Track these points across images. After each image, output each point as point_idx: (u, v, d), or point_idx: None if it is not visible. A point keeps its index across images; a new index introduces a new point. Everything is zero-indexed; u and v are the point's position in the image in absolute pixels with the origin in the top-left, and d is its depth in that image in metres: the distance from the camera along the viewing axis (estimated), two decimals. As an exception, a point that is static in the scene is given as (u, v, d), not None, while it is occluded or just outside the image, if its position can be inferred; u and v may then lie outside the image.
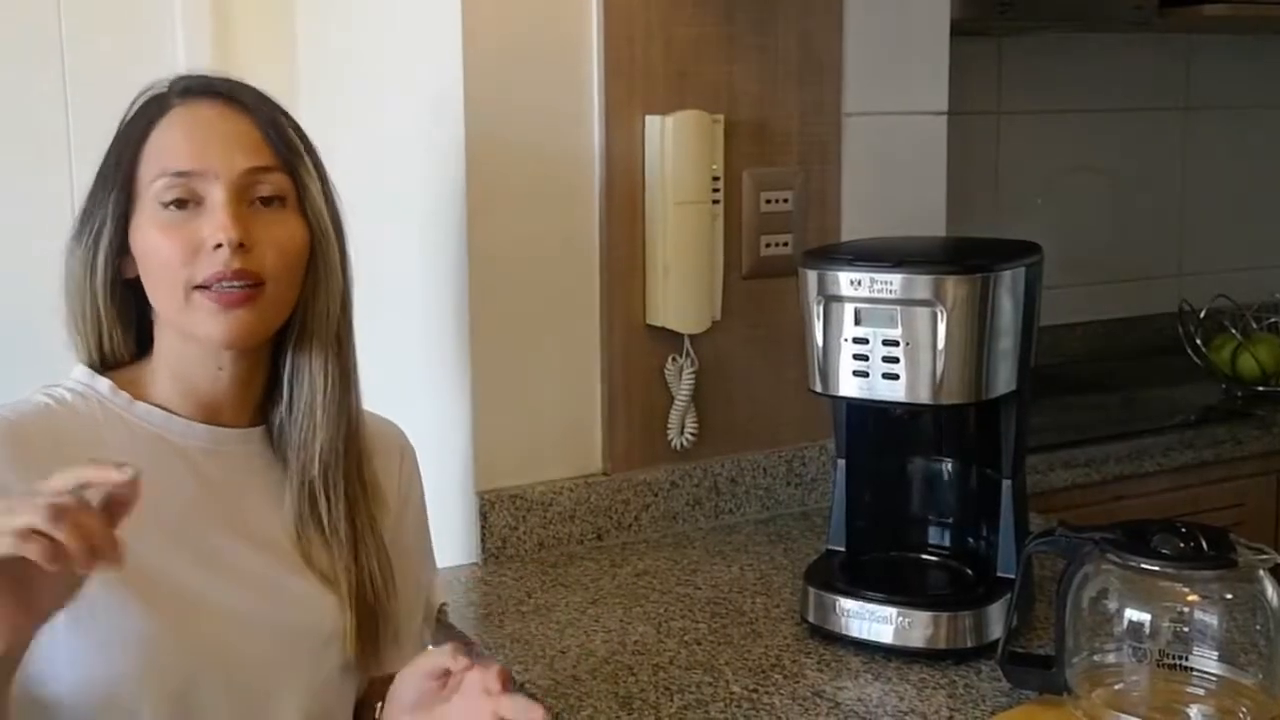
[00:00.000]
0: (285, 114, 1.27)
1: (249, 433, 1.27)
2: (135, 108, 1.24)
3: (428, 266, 1.78)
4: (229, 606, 1.19)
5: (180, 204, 1.18)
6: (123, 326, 1.26)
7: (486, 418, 1.71)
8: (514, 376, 1.73)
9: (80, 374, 1.25)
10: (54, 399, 1.22)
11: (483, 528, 1.70)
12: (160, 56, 1.99)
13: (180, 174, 1.18)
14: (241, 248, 1.17)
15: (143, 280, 1.22)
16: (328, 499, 1.25)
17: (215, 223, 1.17)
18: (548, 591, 1.61)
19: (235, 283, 1.18)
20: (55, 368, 1.26)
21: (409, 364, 1.84)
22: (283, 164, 1.23)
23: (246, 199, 1.20)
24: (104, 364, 1.26)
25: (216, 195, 1.18)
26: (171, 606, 1.16)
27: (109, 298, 1.24)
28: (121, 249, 1.22)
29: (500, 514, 1.71)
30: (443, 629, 1.45)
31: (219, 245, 1.17)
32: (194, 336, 1.21)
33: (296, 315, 1.25)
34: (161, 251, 1.19)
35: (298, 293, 1.24)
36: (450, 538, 1.77)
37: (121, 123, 1.25)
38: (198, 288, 1.18)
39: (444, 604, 1.46)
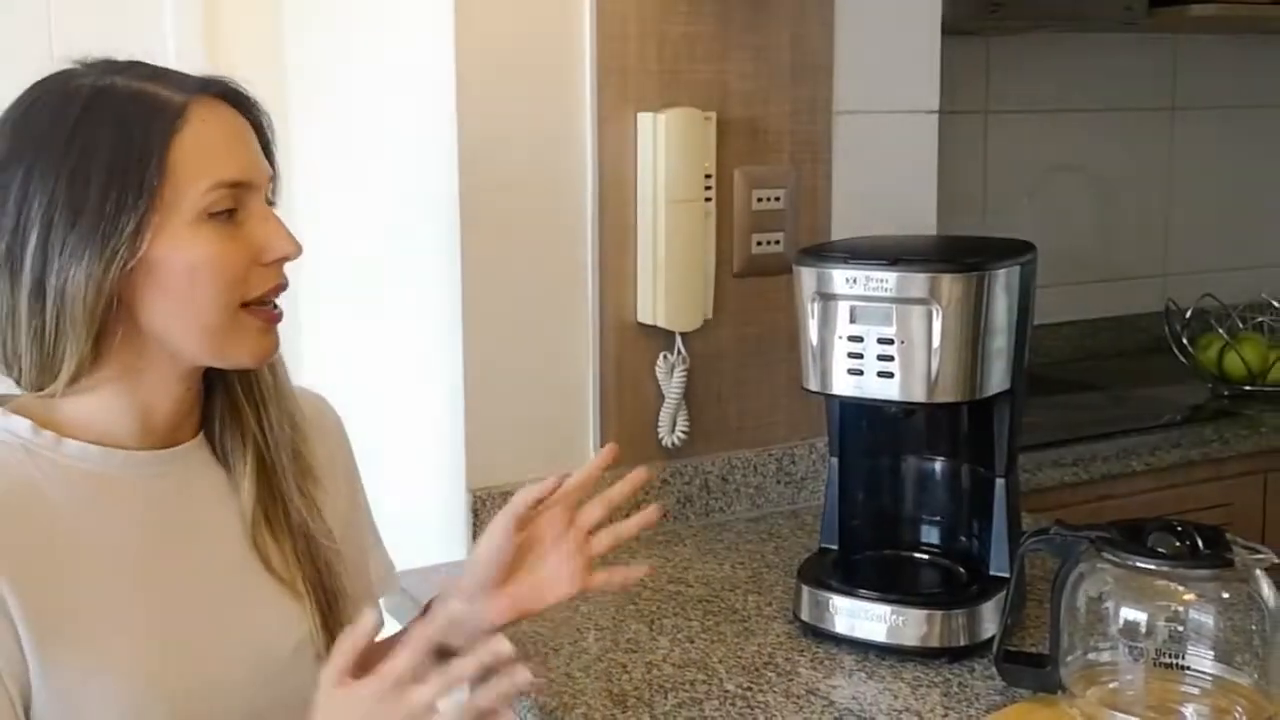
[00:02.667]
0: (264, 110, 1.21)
1: (188, 447, 1.20)
2: (129, 108, 1.11)
3: (420, 263, 1.78)
4: (202, 643, 1.14)
5: (230, 214, 1.11)
6: (98, 348, 1.11)
7: (478, 415, 1.71)
8: (506, 374, 1.72)
9: None
10: None
11: (474, 525, 1.69)
12: (145, 42, 1.98)
13: (234, 184, 1.11)
14: None
15: (157, 297, 1.11)
16: (285, 485, 1.22)
17: (279, 235, 1.13)
18: (539, 589, 1.61)
19: (278, 298, 1.15)
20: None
21: (402, 361, 1.83)
22: (274, 169, 1.19)
23: None
24: (61, 391, 1.12)
25: (257, 206, 1.13)
26: (141, 662, 1.10)
27: (108, 315, 1.10)
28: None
29: (492, 511, 1.68)
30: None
31: (281, 259, 1.13)
32: (227, 357, 1.14)
33: None
34: (215, 265, 1.10)
35: None
36: (441, 535, 1.77)
37: (112, 124, 1.10)
38: (246, 305, 1.12)
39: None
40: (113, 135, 1.09)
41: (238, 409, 1.22)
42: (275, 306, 1.16)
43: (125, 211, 1.07)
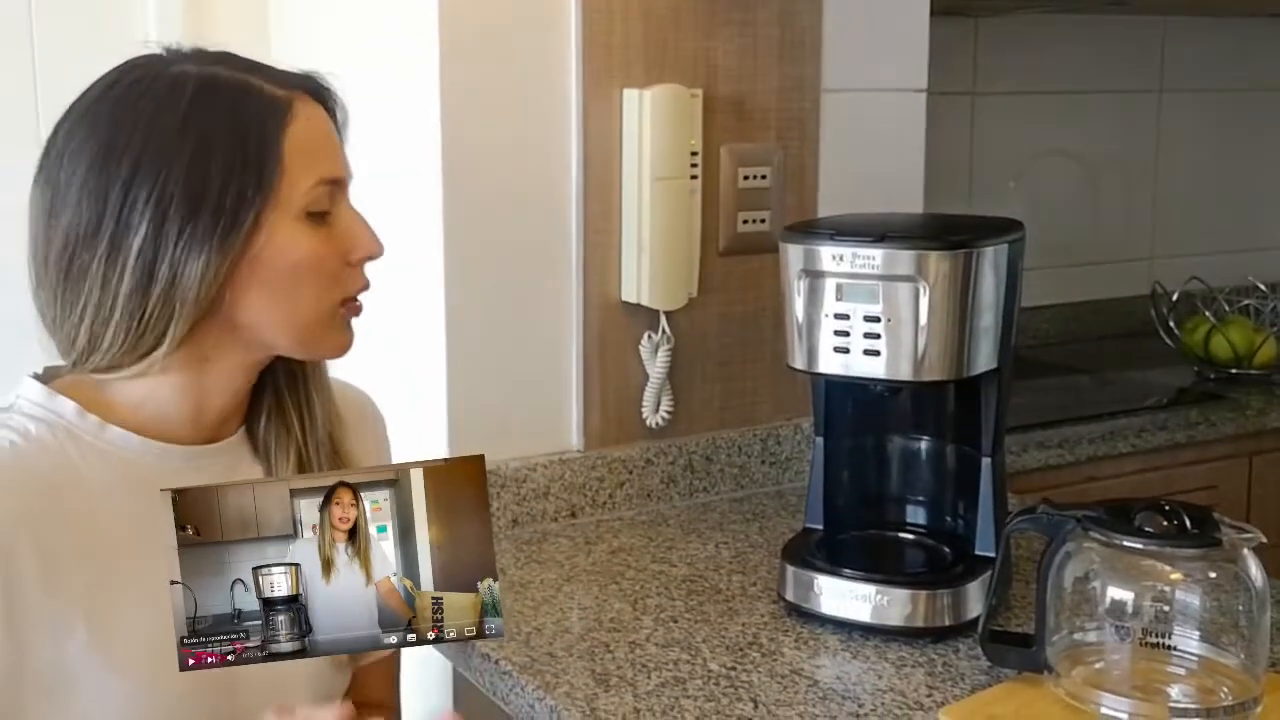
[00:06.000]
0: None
1: (229, 443, 1.21)
2: (240, 101, 1.11)
3: (402, 240, 1.76)
4: None
5: (323, 214, 1.15)
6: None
7: (460, 393, 1.69)
8: (488, 352, 1.71)
9: (33, 393, 1.13)
10: (17, 432, 1.10)
11: (456, 504, 1.68)
12: (128, 28, 1.96)
13: (334, 181, 1.15)
14: None
15: (258, 291, 1.11)
16: None
17: (367, 235, 1.17)
18: (522, 569, 1.60)
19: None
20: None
21: (383, 339, 1.81)
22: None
23: None
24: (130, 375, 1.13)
25: (346, 205, 1.17)
26: (145, 650, 1.09)
27: (217, 304, 1.11)
28: None
29: (474, 491, 1.69)
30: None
31: (366, 258, 1.18)
32: (314, 350, 1.19)
33: None
34: (315, 263, 1.13)
35: None
36: (423, 514, 1.75)
37: (225, 115, 1.09)
38: (343, 302, 1.17)
39: None
40: (227, 128, 1.09)
41: (283, 405, 1.23)
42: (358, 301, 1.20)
43: (245, 206, 1.08)
